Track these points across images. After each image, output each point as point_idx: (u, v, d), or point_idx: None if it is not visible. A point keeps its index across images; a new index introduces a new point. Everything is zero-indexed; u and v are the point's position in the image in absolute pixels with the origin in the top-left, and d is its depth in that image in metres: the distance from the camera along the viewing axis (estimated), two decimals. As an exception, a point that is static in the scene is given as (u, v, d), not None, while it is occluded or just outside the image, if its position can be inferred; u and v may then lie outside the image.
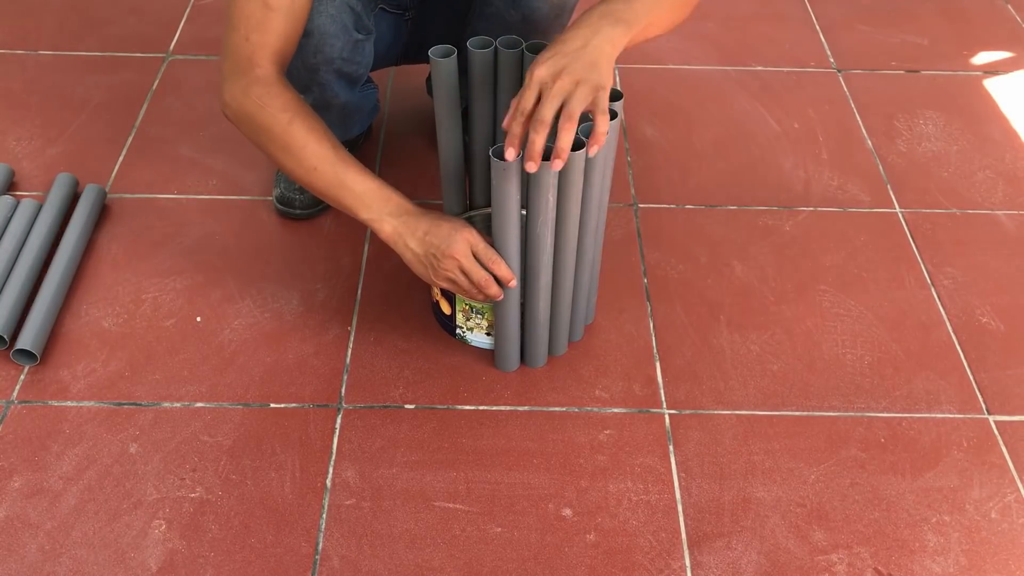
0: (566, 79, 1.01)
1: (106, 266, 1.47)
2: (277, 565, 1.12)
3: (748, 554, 1.14)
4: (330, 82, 1.33)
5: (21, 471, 1.21)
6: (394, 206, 1.17)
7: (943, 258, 1.53)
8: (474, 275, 1.15)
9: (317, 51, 1.25)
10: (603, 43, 1.04)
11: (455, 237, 1.14)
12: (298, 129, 1.14)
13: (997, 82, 1.90)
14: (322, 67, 1.28)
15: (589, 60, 1.03)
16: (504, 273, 1.16)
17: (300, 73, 1.30)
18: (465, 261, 1.15)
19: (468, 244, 1.15)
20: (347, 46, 1.27)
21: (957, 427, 1.29)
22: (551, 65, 1.02)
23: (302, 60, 1.26)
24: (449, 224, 1.16)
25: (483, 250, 1.15)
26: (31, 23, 1.98)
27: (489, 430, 1.27)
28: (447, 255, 1.15)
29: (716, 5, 2.11)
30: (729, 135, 1.76)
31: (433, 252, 1.16)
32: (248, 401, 1.29)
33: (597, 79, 1.02)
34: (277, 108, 1.14)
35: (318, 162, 1.15)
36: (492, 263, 1.15)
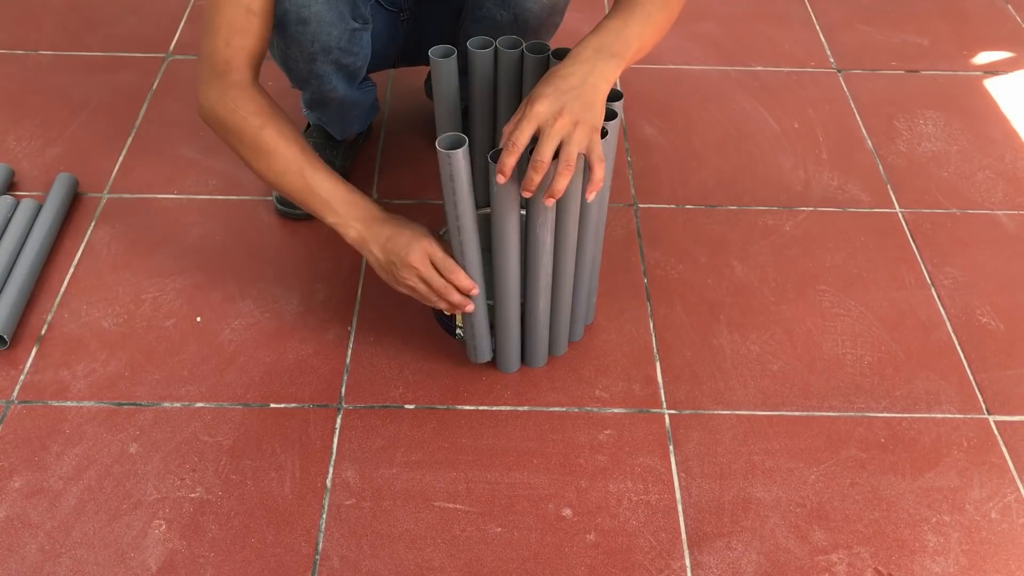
0: (566, 119, 1.02)
1: (106, 266, 1.47)
2: (277, 565, 1.12)
3: (748, 554, 1.14)
4: (328, 74, 1.33)
5: (21, 471, 1.21)
6: (360, 211, 1.18)
7: (943, 258, 1.53)
8: (433, 283, 1.16)
9: (314, 39, 1.25)
10: (599, 80, 1.05)
11: (413, 246, 1.15)
12: (269, 134, 1.16)
13: (997, 82, 1.90)
14: (319, 57, 1.28)
15: (587, 100, 1.04)
16: (463, 283, 1.17)
17: (298, 65, 1.30)
18: (423, 269, 1.16)
19: (425, 253, 1.16)
20: (344, 35, 1.27)
21: (957, 427, 1.29)
22: (551, 103, 1.03)
23: (300, 50, 1.27)
24: (410, 232, 1.17)
25: (440, 259, 1.16)
26: (31, 23, 1.98)
27: (489, 430, 1.27)
28: (405, 263, 1.16)
29: (716, 5, 2.11)
30: (729, 135, 1.76)
31: (393, 259, 1.17)
32: (248, 401, 1.29)
33: (593, 120, 1.04)
34: (250, 112, 1.16)
35: (287, 166, 1.16)
36: (449, 273, 1.16)
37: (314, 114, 1.56)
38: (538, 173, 1.03)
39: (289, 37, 1.25)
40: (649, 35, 1.12)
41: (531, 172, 1.03)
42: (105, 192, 1.60)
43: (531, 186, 1.04)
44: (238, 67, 1.17)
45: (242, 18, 1.15)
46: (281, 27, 1.25)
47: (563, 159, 1.02)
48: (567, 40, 1.99)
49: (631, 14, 1.10)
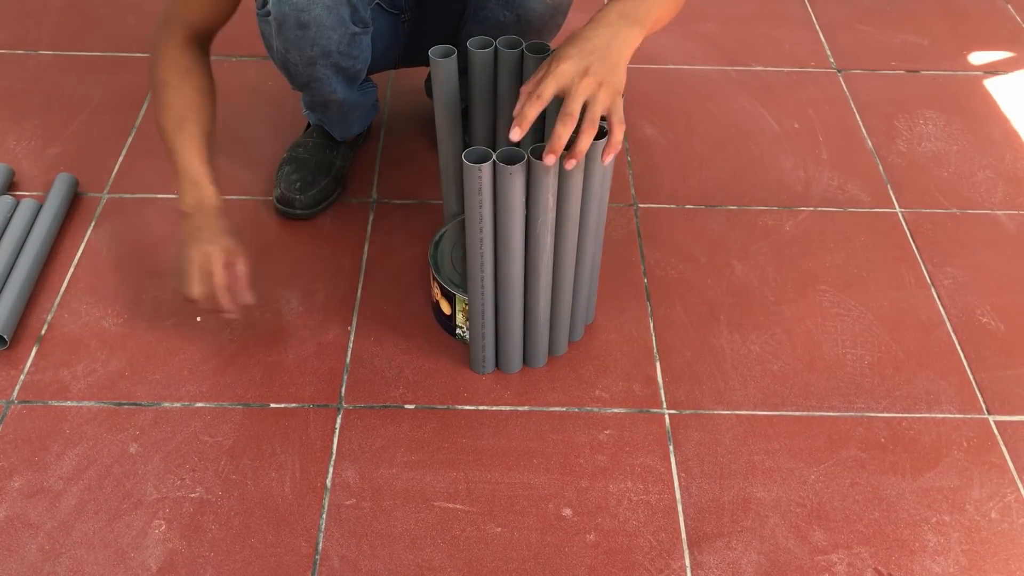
0: (591, 79, 1.03)
1: (106, 266, 1.47)
2: (277, 565, 1.12)
3: (748, 554, 1.14)
4: (328, 77, 1.33)
5: (21, 471, 1.21)
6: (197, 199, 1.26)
7: (943, 258, 1.53)
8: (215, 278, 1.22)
9: (314, 43, 1.25)
10: (623, 45, 1.06)
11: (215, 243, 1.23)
12: (168, 92, 1.26)
13: (997, 82, 1.90)
14: (319, 60, 1.28)
15: (612, 62, 1.04)
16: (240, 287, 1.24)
17: (298, 68, 1.30)
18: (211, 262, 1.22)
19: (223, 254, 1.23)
20: (344, 39, 1.27)
21: (957, 427, 1.29)
22: (577, 61, 1.03)
23: (300, 54, 1.27)
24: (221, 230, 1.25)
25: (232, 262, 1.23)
26: (31, 23, 1.98)
27: (489, 430, 1.27)
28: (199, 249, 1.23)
29: (716, 5, 2.11)
30: (729, 135, 1.76)
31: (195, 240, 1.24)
32: (248, 401, 1.29)
33: (617, 83, 1.04)
34: (163, 67, 1.27)
35: (168, 125, 1.27)
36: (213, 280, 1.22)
37: (314, 115, 1.56)
38: (566, 127, 1.02)
39: (288, 41, 1.26)
40: (666, 8, 1.14)
41: (559, 126, 1.02)
42: (105, 192, 1.60)
43: (558, 143, 1.02)
44: (174, 26, 1.27)
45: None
46: (280, 31, 1.25)
47: (588, 117, 1.03)
48: (567, 40, 1.98)
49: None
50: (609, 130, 1.06)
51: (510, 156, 1.07)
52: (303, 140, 1.59)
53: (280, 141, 1.65)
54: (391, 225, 1.55)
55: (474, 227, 1.12)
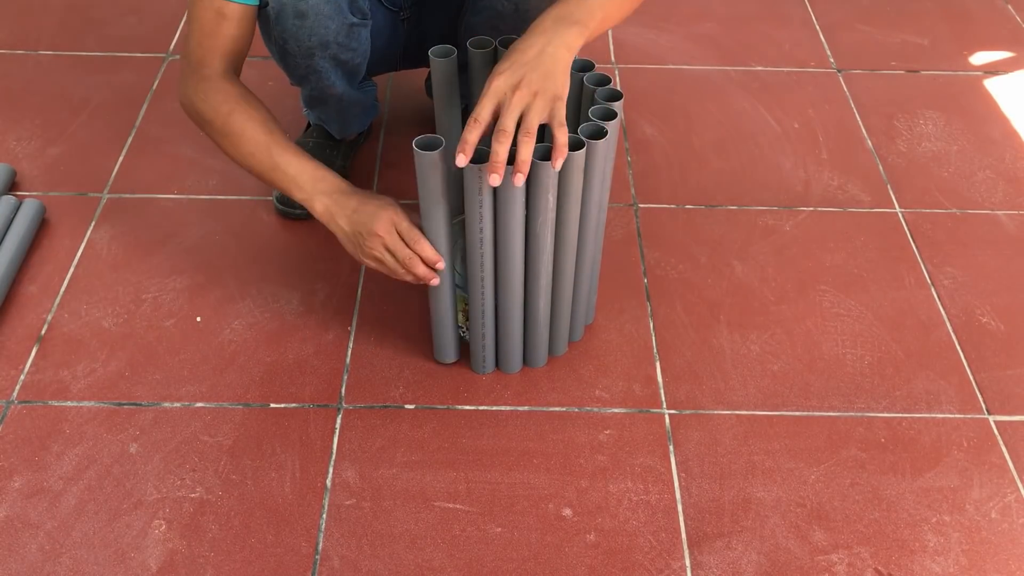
0: (524, 90, 1.03)
1: (106, 266, 1.47)
2: (277, 565, 1.12)
3: (748, 554, 1.14)
4: (326, 70, 1.33)
5: (21, 471, 1.21)
6: (326, 185, 1.20)
7: (943, 258, 1.53)
8: (398, 253, 1.16)
9: (312, 32, 1.26)
10: (558, 49, 1.05)
11: (379, 215, 1.16)
12: (236, 119, 1.21)
13: (997, 82, 1.90)
14: (317, 51, 1.28)
15: (546, 69, 1.04)
16: (428, 254, 1.17)
17: (296, 60, 1.30)
18: (388, 238, 1.16)
19: (391, 223, 1.16)
20: (342, 29, 1.27)
21: (957, 427, 1.29)
22: (509, 76, 1.04)
23: (297, 44, 1.27)
24: (376, 202, 1.18)
25: (406, 229, 1.16)
26: (31, 23, 1.98)
27: (489, 430, 1.27)
28: (371, 233, 1.16)
29: (716, 5, 2.11)
30: (729, 135, 1.76)
31: (359, 230, 1.18)
32: (248, 401, 1.29)
33: (554, 89, 1.04)
34: (219, 101, 1.22)
35: (254, 148, 1.21)
36: (415, 242, 1.16)
37: (313, 113, 1.56)
38: (501, 144, 1.02)
39: (287, 31, 1.25)
40: (614, 6, 1.13)
41: (494, 144, 1.03)
42: (105, 192, 1.60)
43: (496, 158, 1.03)
44: (210, 63, 1.23)
45: (212, 21, 1.20)
46: (278, 21, 1.25)
47: (523, 128, 1.03)
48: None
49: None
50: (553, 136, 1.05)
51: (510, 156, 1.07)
52: (303, 140, 1.59)
53: (280, 141, 1.65)
54: (391, 225, 1.55)
55: (474, 227, 1.12)
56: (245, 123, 1.21)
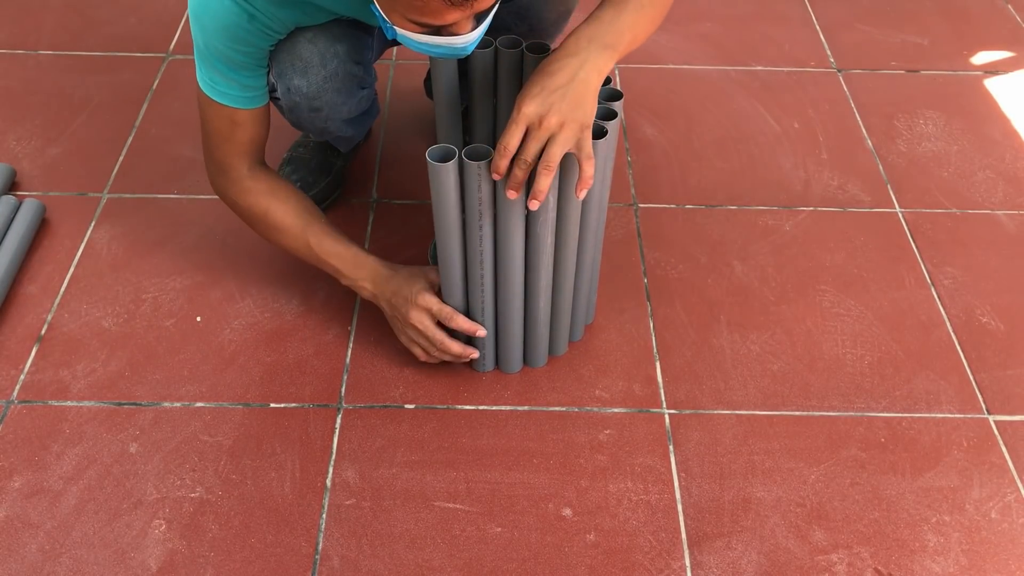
0: (553, 119, 1.01)
1: (106, 266, 1.47)
2: (277, 565, 1.12)
3: (748, 554, 1.14)
4: (338, 129, 1.36)
5: (21, 471, 1.21)
6: (367, 271, 1.27)
7: (943, 258, 1.53)
8: (433, 339, 1.24)
9: (327, 119, 1.29)
10: (590, 74, 1.04)
11: (413, 303, 1.22)
12: (273, 215, 1.27)
13: (997, 82, 1.90)
14: (331, 126, 1.32)
15: (576, 96, 1.02)
16: (467, 327, 1.22)
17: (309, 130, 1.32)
18: (421, 326, 1.23)
19: (425, 312, 1.22)
20: (353, 105, 1.31)
21: (957, 427, 1.29)
22: (539, 103, 1.02)
23: (312, 126, 1.30)
24: (410, 288, 1.23)
25: (437, 311, 1.22)
26: (31, 23, 1.98)
27: (489, 430, 1.27)
28: (407, 323, 1.24)
29: (716, 5, 2.11)
30: (729, 135, 1.76)
31: (396, 316, 1.25)
32: (248, 401, 1.29)
33: (583, 118, 1.03)
34: (251, 203, 1.27)
35: (296, 241, 1.28)
36: (450, 321, 1.22)
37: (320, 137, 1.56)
38: (521, 171, 1.04)
39: (302, 120, 1.28)
40: (642, 26, 1.12)
41: (515, 170, 1.04)
42: (105, 192, 1.60)
43: (515, 184, 1.05)
44: (234, 164, 1.26)
45: (227, 128, 1.22)
46: (292, 112, 1.26)
47: (544, 159, 1.03)
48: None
49: (624, 4, 1.09)
50: (579, 167, 1.06)
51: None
52: (303, 140, 1.59)
53: (280, 140, 1.65)
54: (391, 225, 1.55)
55: (474, 226, 1.12)
56: (283, 218, 1.27)
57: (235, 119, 1.20)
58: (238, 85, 1.17)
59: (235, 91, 1.17)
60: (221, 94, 1.17)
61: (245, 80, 1.17)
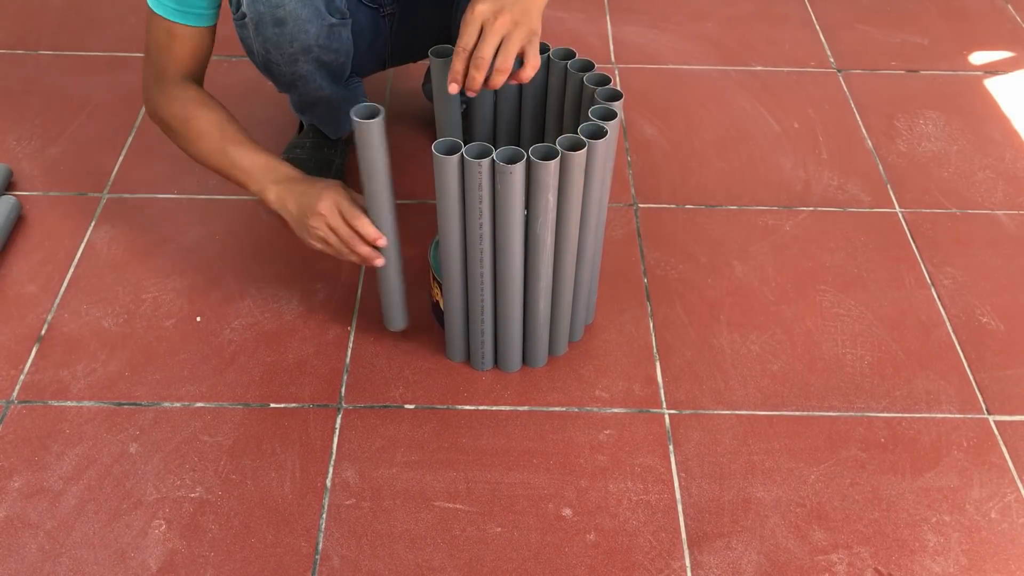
0: (506, 17, 1.07)
1: (106, 266, 1.47)
2: (277, 565, 1.12)
3: (748, 554, 1.14)
4: (311, 73, 1.33)
5: (21, 471, 1.21)
6: (278, 174, 1.24)
7: (943, 258, 1.53)
8: (340, 232, 1.19)
9: (293, 39, 1.26)
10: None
11: (322, 195, 1.19)
12: (192, 125, 1.27)
13: (997, 82, 1.90)
14: (300, 57, 1.29)
15: (524, 5, 1.09)
16: (368, 231, 1.18)
17: (281, 68, 1.30)
18: (330, 217, 1.18)
19: (334, 203, 1.19)
20: (322, 31, 1.28)
21: (957, 427, 1.29)
22: (491, 4, 1.08)
23: (280, 51, 1.28)
24: (322, 184, 1.21)
25: (347, 208, 1.18)
26: (31, 23, 1.98)
27: (489, 430, 1.27)
28: (314, 212, 1.19)
29: (716, 5, 2.11)
30: (729, 135, 1.76)
31: (304, 211, 1.20)
32: (248, 401, 1.29)
33: (530, 22, 1.09)
34: (176, 109, 1.28)
35: (211, 148, 1.27)
36: (354, 219, 1.18)
37: (305, 116, 1.56)
38: (479, 70, 1.08)
39: (268, 40, 1.26)
40: None
41: (472, 70, 1.08)
42: (105, 192, 1.60)
43: (473, 84, 1.09)
44: (163, 77, 1.28)
45: (164, 39, 1.25)
46: (258, 31, 1.26)
47: (498, 61, 1.08)
48: (568, 40, 1.99)
49: None
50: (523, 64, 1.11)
51: (510, 156, 1.07)
52: (299, 141, 1.59)
53: (279, 141, 1.65)
54: (391, 225, 1.55)
55: (474, 224, 1.12)
56: (202, 126, 1.26)
57: (172, 32, 1.24)
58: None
59: (173, 4, 1.22)
60: (160, 4, 1.23)
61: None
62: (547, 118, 1.27)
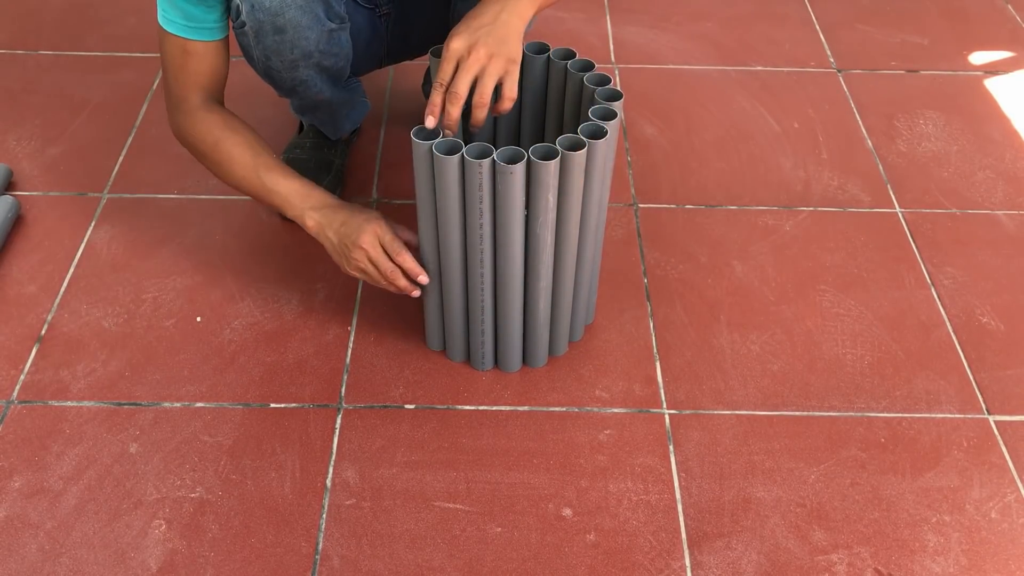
0: (481, 51, 1.09)
1: (106, 266, 1.47)
2: (277, 565, 1.12)
3: (748, 554, 1.14)
4: (312, 79, 1.33)
5: (21, 471, 1.21)
6: (315, 201, 1.25)
7: (943, 258, 1.53)
8: (381, 266, 1.21)
9: (293, 46, 1.27)
10: (512, 16, 1.11)
11: (364, 228, 1.21)
12: (223, 148, 1.27)
13: (997, 82, 1.90)
14: (301, 63, 1.29)
15: (500, 35, 1.10)
16: (410, 266, 1.21)
17: (281, 75, 1.31)
18: (372, 251, 1.20)
19: (375, 236, 1.21)
20: (322, 37, 1.28)
21: (957, 427, 1.29)
22: (466, 39, 1.09)
23: (280, 59, 1.28)
24: (363, 216, 1.22)
25: (389, 242, 1.21)
26: (31, 23, 1.98)
27: (489, 430, 1.27)
28: (356, 245, 1.21)
29: (716, 5, 2.11)
30: (729, 135, 1.76)
31: (345, 242, 1.22)
32: (248, 401, 1.29)
33: (507, 52, 1.10)
34: (203, 133, 1.28)
35: (244, 172, 1.27)
36: (397, 255, 1.21)
37: (306, 117, 1.56)
38: (454, 106, 1.10)
39: (268, 48, 1.26)
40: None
41: (448, 105, 1.10)
42: (105, 192, 1.60)
43: (448, 120, 1.11)
44: (186, 98, 1.28)
45: (179, 58, 1.26)
46: (258, 39, 1.26)
47: (477, 90, 1.10)
48: (568, 40, 1.99)
49: None
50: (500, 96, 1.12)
51: (511, 155, 1.07)
52: (299, 141, 1.59)
53: (279, 141, 1.65)
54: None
55: (474, 224, 1.13)
56: (231, 151, 1.27)
57: (186, 49, 1.25)
58: (187, 15, 1.22)
59: (183, 21, 1.23)
60: (171, 22, 1.23)
61: (194, 11, 1.22)
62: (547, 118, 1.27)
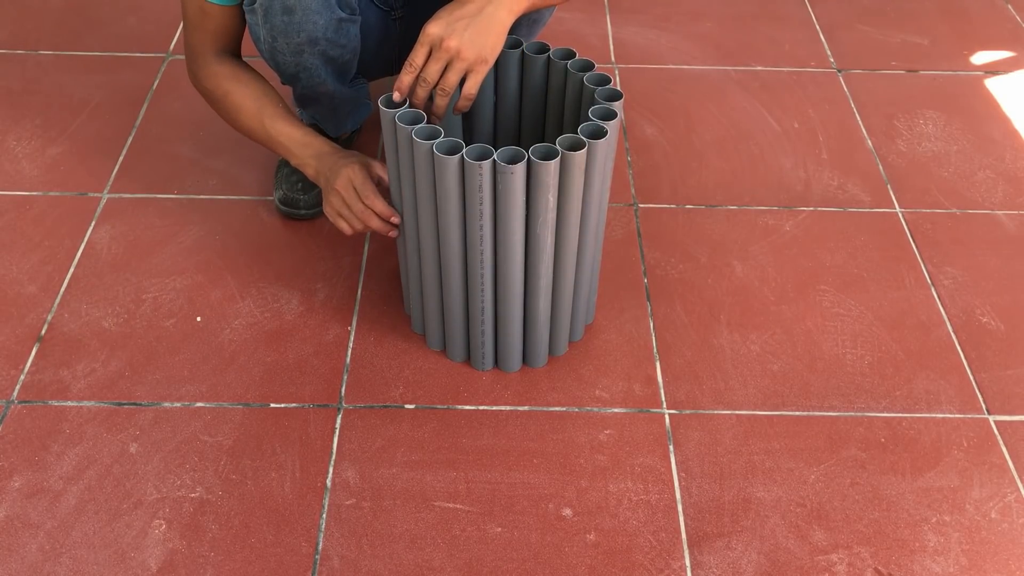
0: (453, 41, 1.09)
1: (106, 266, 1.47)
2: (277, 565, 1.12)
3: (748, 554, 1.14)
4: (316, 67, 1.33)
5: (21, 471, 1.21)
6: (314, 149, 1.30)
7: (943, 258, 1.53)
8: (353, 207, 1.23)
9: (300, 29, 1.26)
10: (498, 10, 1.10)
11: (339, 172, 1.24)
12: (233, 97, 1.34)
13: (997, 82, 1.90)
14: (306, 47, 1.29)
15: (481, 28, 1.09)
16: (380, 208, 1.22)
17: (286, 58, 1.30)
18: (345, 193, 1.23)
19: (349, 180, 1.23)
20: (331, 25, 1.28)
21: (957, 427, 1.29)
22: (444, 27, 1.09)
23: (287, 40, 1.28)
24: (344, 160, 1.25)
25: (360, 184, 1.23)
26: (31, 23, 1.98)
27: (489, 430, 1.27)
28: (332, 188, 1.24)
29: (716, 5, 2.11)
30: (729, 135, 1.76)
31: (325, 187, 1.27)
32: (248, 401, 1.29)
33: (478, 50, 1.10)
34: (216, 84, 1.34)
35: (251, 121, 1.34)
36: (367, 198, 1.22)
37: (307, 112, 1.55)
38: (422, 88, 1.12)
39: (275, 28, 1.26)
40: None
41: (417, 88, 1.11)
42: (105, 192, 1.60)
43: (415, 99, 1.13)
44: (203, 52, 1.33)
45: (197, 16, 1.30)
46: (267, 17, 1.25)
47: (441, 83, 1.11)
48: (568, 40, 1.99)
49: None
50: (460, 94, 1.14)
51: (511, 156, 1.07)
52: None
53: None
54: (391, 225, 1.55)
55: (474, 224, 1.13)
56: (241, 100, 1.33)
57: (204, 9, 1.28)
58: None
59: None
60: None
61: None
62: (547, 118, 1.27)
